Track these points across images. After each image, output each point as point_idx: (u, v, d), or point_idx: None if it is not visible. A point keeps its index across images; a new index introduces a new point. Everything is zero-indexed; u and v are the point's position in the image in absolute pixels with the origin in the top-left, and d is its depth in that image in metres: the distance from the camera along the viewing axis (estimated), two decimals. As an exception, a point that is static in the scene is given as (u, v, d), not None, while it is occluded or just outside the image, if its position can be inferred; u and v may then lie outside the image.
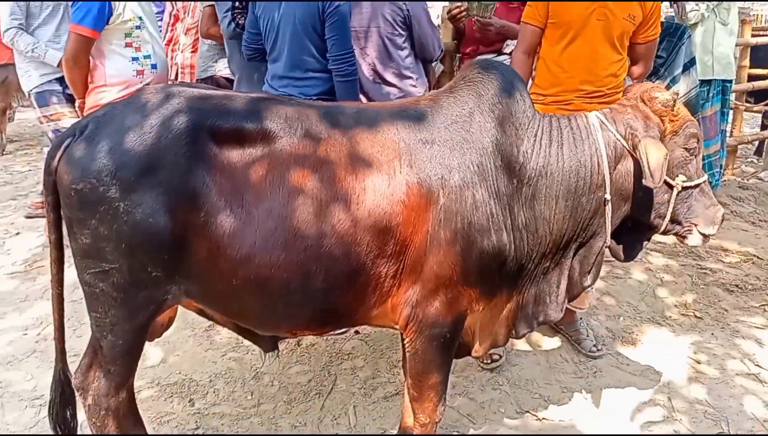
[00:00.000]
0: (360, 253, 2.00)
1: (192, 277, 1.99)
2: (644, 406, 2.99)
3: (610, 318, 3.77)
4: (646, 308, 3.91)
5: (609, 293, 4.05)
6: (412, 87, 3.45)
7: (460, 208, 2.04)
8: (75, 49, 3.14)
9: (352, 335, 3.44)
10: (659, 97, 2.27)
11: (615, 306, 3.91)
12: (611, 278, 4.23)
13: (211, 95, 2.04)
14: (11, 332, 3.45)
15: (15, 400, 2.89)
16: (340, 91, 3.11)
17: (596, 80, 3.08)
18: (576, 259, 2.36)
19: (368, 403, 2.94)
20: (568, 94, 3.12)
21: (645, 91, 2.32)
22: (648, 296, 4.05)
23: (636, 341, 3.54)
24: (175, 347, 3.35)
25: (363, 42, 3.37)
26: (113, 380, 2.10)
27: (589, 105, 3.04)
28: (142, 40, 3.32)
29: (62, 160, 1.90)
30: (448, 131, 2.11)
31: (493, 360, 3.22)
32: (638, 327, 3.68)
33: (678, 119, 2.28)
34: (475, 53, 4.11)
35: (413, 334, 2.17)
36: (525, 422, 2.85)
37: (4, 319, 3.60)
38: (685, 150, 2.28)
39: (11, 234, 4.98)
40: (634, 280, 4.25)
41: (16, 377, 3.05)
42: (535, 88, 3.24)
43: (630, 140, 2.23)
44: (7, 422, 2.74)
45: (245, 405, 2.90)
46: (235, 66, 3.93)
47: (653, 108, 2.28)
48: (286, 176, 1.95)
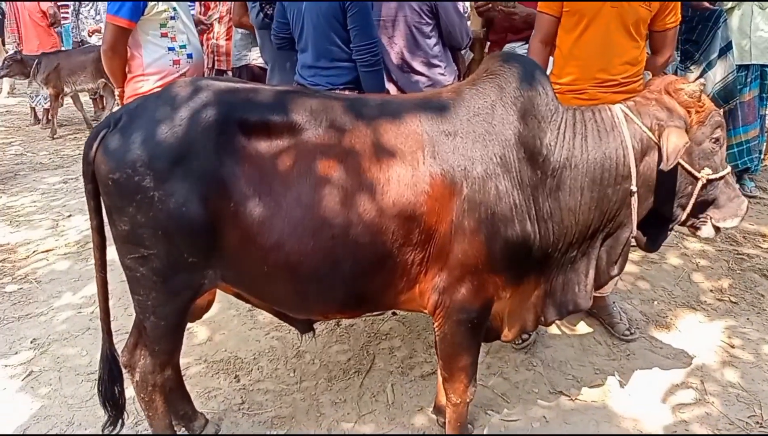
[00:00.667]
0: (386, 241, 2.04)
1: (226, 263, 2.06)
2: (676, 388, 2.99)
3: (644, 302, 3.76)
4: (681, 292, 3.89)
5: (644, 278, 4.03)
6: (441, 75, 3.44)
7: (484, 199, 2.06)
8: (112, 40, 3.20)
9: (390, 317, 3.51)
10: (685, 88, 2.24)
11: (650, 290, 3.90)
12: (646, 263, 4.21)
13: (238, 88, 2.10)
14: (67, 310, 3.61)
15: (72, 374, 3.04)
16: (365, 81, 3.11)
17: (611, 68, 3.01)
18: (603, 249, 2.36)
19: (405, 381, 3.01)
20: (582, 82, 3.08)
21: (670, 84, 2.30)
22: (683, 281, 4.02)
23: (670, 325, 3.53)
24: (221, 326, 3.47)
25: (391, 31, 3.37)
26: (158, 358, 2.21)
27: (604, 94, 3.02)
28: (177, 30, 3.35)
29: (99, 150, 1.98)
30: (471, 123, 2.12)
31: (524, 340, 3.26)
32: (672, 311, 3.67)
33: (704, 110, 2.25)
34: (503, 41, 4.06)
35: (441, 319, 2.22)
36: (558, 402, 2.89)
37: (59, 298, 3.77)
38: (710, 141, 2.26)
39: (64, 216, 5.17)
40: (669, 265, 4.22)
41: (73, 352, 3.21)
42: (552, 77, 3.18)
43: (656, 132, 2.21)
44: (65, 395, 2.89)
45: (288, 382, 3.00)
46: (268, 55, 3.96)
47: (679, 100, 2.25)
48: (312, 167, 2.00)
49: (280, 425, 2.71)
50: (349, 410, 2.81)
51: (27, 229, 4.93)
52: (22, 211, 5.39)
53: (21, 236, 4.77)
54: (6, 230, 4.91)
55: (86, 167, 2.02)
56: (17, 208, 5.46)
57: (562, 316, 2.46)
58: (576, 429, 2.71)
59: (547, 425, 2.75)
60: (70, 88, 8.36)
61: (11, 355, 3.21)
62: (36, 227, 4.93)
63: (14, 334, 3.40)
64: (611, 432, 2.70)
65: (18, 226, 5.01)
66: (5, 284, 3.97)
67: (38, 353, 3.22)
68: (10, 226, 5.01)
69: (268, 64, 3.98)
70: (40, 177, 6.50)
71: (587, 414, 2.81)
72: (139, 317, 2.20)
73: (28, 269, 4.20)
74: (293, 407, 2.83)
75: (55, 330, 3.43)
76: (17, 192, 5.94)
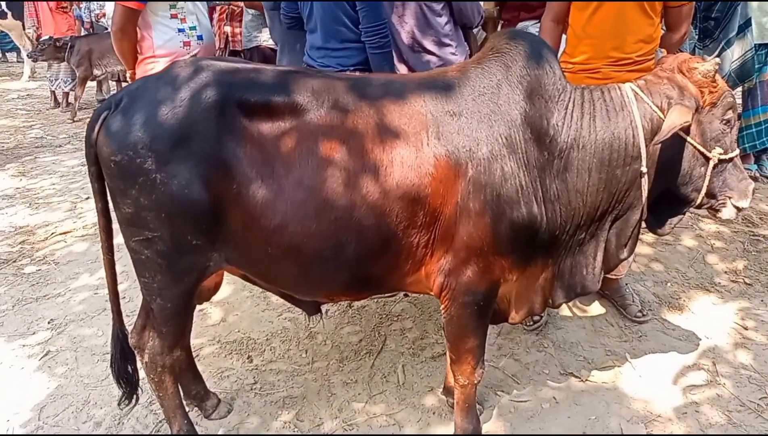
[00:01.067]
0: (390, 223, 2.01)
1: (230, 245, 2.04)
2: (688, 370, 2.96)
3: (657, 284, 3.71)
4: (694, 274, 3.83)
5: (657, 259, 3.98)
6: (452, 55, 3.37)
7: (489, 181, 2.01)
8: (122, 21, 3.16)
9: (402, 298, 3.50)
10: (699, 67, 2.17)
11: (663, 272, 3.85)
12: (660, 244, 4.15)
13: (239, 69, 2.06)
14: (83, 291, 3.64)
15: (88, 354, 3.07)
16: (374, 63, 3.06)
17: (625, 46, 2.93)
18: (612, 231, 2.31)
19: (416, 362, 3.00)
20: (595, 61, 3.00)
21: (683, 62, 2.22)
22: (697, 263, 3.96)
23: (683, 307, 3.48)
24: (234, 307, 3.48)
25: (401, 10, 3.30)
26: (166, 339, 2.21)
27: (617, 73, 2.95)
28: (186, 11, 3.31)
29: (101, 132, 1.96)
30: (476, 103, 2.07)
31: (535, 322, 3.23)
32: (686, 293, 3.61)
33: (717, 91, 2.18)
34: (516, 20, 3.98)
35: (447, 301, 2.20)
36: (568, 384, 2.87)
37: (76, 279, 3.81)
38: (722, 122, 2.19)
39: (82, 199, 5.20)
40: (684, 246, 4.15)
41: (89, 332, 3.24)
42: (564, 56, 3.13)
43: (666, 112, 2.14)
44: (81, 375, 2.92)
45: (300, 362, 3.01)
46: (277, 35, 3.91)
47: (692, 79, 2.18)
48: (314, 148, 1.96)
49: (291, 405, 2.72)
50: (359, 391, 2.81)
51: (46, 211, 4.97)
52: (41, 193, 5.43)
53: (40, 218, 4.81)
54: (25, 212, 4.96)
55: (89, 150, 2.00)
56: (36, 190, 5.51)
57: (570, 298, 2.42)
58: (586, 410, 2.69)
59: (557, 406, 2.73)
60: (101, 70, 8.42)
61: (29, 335, 3.25)
62: (54, 209, 4.97)
63: (32, 314, 3.44)
64: (621, 414, 2.67)
65: (37, 208, 5.05)
66: (24, 266, 4.01)
67: (55, 333, 3.26)
68: (30, 208, 5.05)
69: (278, 44, 3.94)
70: (59, 160, 6.55)
71: (597, 396, 2.79)
72: (146, 299, 2.20)
73: (46, 250, 4.24)
74: (305, 387, 2.83)
75: (72, 311, 3.46)
76: (37, 175, 5.99)
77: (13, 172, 6.05)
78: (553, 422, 2.64)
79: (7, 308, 3.50)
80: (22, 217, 4.86)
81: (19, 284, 3.78)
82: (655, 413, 2.69)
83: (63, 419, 2.65)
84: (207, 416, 2.63)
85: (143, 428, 2.60)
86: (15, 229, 4.62)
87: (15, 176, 5.94)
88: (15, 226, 4.67)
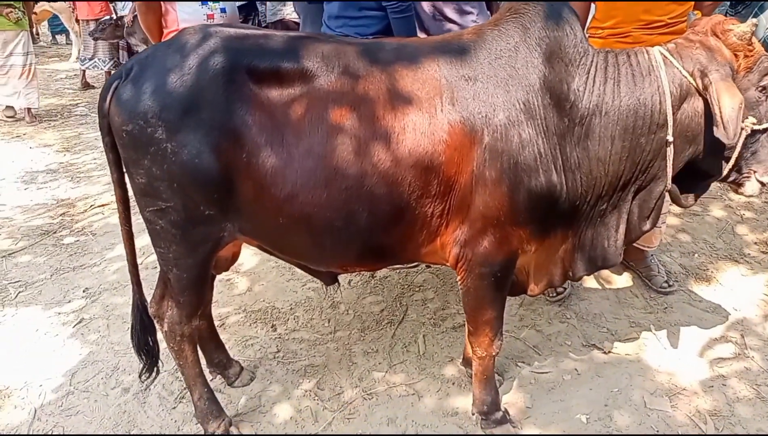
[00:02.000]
0: (402, 192, 1.87)
1: (242, 215, 1.94)
2: (715, 343, 2.79)
3: (684, 255, 3.51)
4: (723, 245, 3.61)
5: (685, 230, 3.76)
6: (474, 23, 3.17)
7: (506, 148, 1.85)
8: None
9: (423, 269, 3.37)
10: (735, 29, 1.92)
11: (690, 243, 3.63)
12: (687, 215, 3.91)
13: (248, 35, 1.93)
14: (118, 261, 3.60)
15: (119, 322, 3.03)
16: (396, 27, 2.89)
17: (656, 8, 2.70)
18: (635, 202, 2.11)
19: (437, 332, 2.88)
20: (625, 25, 2.77)
21: (717, 24, 1.98)
22: (726, 233, 3.73)
23: (710, 278, 3.27)
24: (260, 277, 3.40)
25: None
26: (184, 309, 2.12)
27: (649, 36, 2.72)
28: None
29: (112, 102, 1.86)
30: (492, 67, 1.89)
31: (558, 293, 3.07)
32: (714, 264, 3.40)
33: (753, 55, 1.93)
34: None
35: (464, 272, 2.06)
36: (591, 355, 2.72)
37: (112, 250, 3.78)
38: (757, 90, 1.95)
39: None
40: (713, 217, 3.92)
41: (121, 301, 3.20)
42: (594, 22, 2.91)
43: (698, 78, 1.91)
44: (112, 342, 2.89)
45: (322, 332, 2.92)
46: (300, 7, 3.79)
47: (727, 42, 1.94)
48: (324, 115, 1.83)
49: (313, 373, 2.64)
50: (380, 360, 2.71)
51: (86, 184, 4.96)
52: (83, 167, 5.43)
53: (80, 191, 4.80)
54: (67, 186, 4.96)
55: (101, 120, 1.91)
56: (78, 165, 5.52)
57: (591, 271, 2.25)
58: (608, 383, 2.55)
59: (578, 378, 2.60)
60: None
61: (65, 303, 3.23)
62: (94, 183, 4.96)
63: (69, 283, 3.42)
64: (644, 387, 2.52)
65: (78, 181, 5.05)
66: (63, 236, 4.00)
67: (89, 301, 3.23)
68: (71, 181, 5.06)
69: (300, 16, 3.79)
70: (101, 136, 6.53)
71: (620, 368, 2.64)
72: (163, 269, 2.12)
73: (84, 222, 4.22)
74: (326, 356, 2.75)
75: (106, 280, 3.43)
76: (80, 150, 6.00)
77: (58, 148, 6.07)
78: (575, 394, 2.50)
79: (45, 278, 3.48)
80: (64, 190, 4.86)
81: (58, 254, 3.77)
82: (680, 386, 2.53)
83: (92, 384, 2.62)
84: (230, 383, 2.57)
85: (168, 394, 2.55)
86: (57, 201, 4.62)
87: (60, 152, 5.95)
88: (57, 199, 4.67)
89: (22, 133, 6.64)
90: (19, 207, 4.51)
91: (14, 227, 4.14)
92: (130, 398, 2.53)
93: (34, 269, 3.57)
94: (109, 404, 2.51)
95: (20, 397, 2.56)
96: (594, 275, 3.22)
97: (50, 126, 6.97)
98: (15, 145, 6.15)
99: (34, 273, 3.53)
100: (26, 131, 6.70)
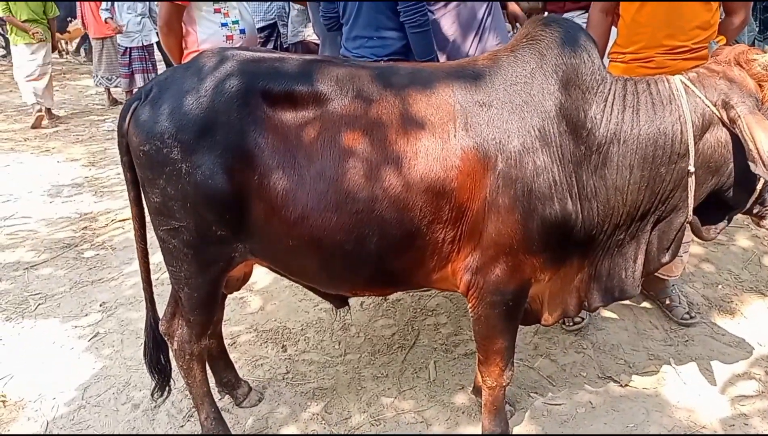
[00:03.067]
0: (414, 217, 1.87)
1: (253, 236, 1.96)
2: (737, 379, 2.71)
3: (707, 286, 3.43)
4: (749, 276, 3.51)
5: (709, 260, 3.68)
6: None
7: (520, 175, 1.85)
8: (167, 16, 3.16)
9: (437, 293, 3.35)
10: (759, 59, 1.91)
11: (714, 274, 3.55)
12: (712, 245, 3.82)
13: (264, 58, 1.97)
14: (135, 276, 3.65)
15: (133, 337, 3.08)
16: (414, 42, 2.92)
17: (680, 33, 2.67)
18: (654, 233, 2.09)
19: (448, 359, 2.86)
20: (648, 50, 2.74)
21: (741, 53, 1.97)
22: (752, 264, 3.64)
23: (735, 311, 3.19)
24: (272, 297, 3.42)
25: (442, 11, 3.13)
26: (194, 328, 2.15)
27: (673, 61, 2.69)
28: (229, 5, 3.28)
29: (131, 123, 1.91)
30: (507, 93, 1.90)
31: (575, 323, 3.02)
32: (738, 296, 3.32)
33: None
34: (562, 11, 3.74)
35: (475, 300, 2.05)
36: (607, 388, 2.67)
37: (130, 265, 3.84)
38: None
39: (142, 188, 5.29)
40: (738, 247, 3.83)
41: (136, 316, 3.24)
42: (616, 47, 2.90)
43: (722, 109, 1.90)
44: (125, 357, 2.93)
45: (332, 354, 2.92)
46: (319, 29, 3.84)
47: (751, 72, 1.93)
48: (336, 139, 1.85)
49: (321, 396, 2.63)
50: (389, 385, 2.69)
51: (109, 199, 5.08)
52: (107, 182, 5.56)
53: (103, 206, 4.91)
54: (91, 200, 5.08)
55: (120, 139, 1.97)
56: (103, 179, 5.64)
57: (608, 302, 2.22)
58: (624, 417, 2.49)
59: (593, 411, 2.54)
60: None
61: (82, 317, 3.29)
62: (117, 198, 5.07)
63: (87, 297, 3.49)
64: (662, 423, 2.46)
65: (101, 196, 5.17)
66: (84, 250, 4.09)
67: (105, 315, 3.29)
68: (95, 196, 5.18)
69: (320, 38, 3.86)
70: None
71: (637, 402, 2.58)
72: (175, 288, 2.15)
73: (105, 236, 4.31)
74: (335, 379, 2.74)
75: (122, 295, 3.49)
76: (105, 165, 6.14)
77: (84, 163, 6.22)
78: (589, 428, 2.45)
79: (64, 291, 3.56)
80: (87, 204, 4.98)
81: (77, 267, 3.85)
82: (699, 423, 2.47)
83: (104, 399, 2.66)
84: (238, 403, 2.57)
85: (177, 412, 2.57)
86: (80, 215, 4.73)
87: (85, 166, 6.10)
88: (80, 212, 4.79)
89: (51, 147, 6.83)
90: (44, 220, 4.63)
91: (38, 240, 4.25)
92: (139, 414, 2.56)
93: (55, 282, 3.66)
94: (119, 419, 2.54)
95: (34, 409, 2.61)
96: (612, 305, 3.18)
97: (78, 140, 7.16)
98: (43, 160, 6.32)
99: (54, 286, 3.61)
100: (55, 145, 6.89)
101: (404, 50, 2.97)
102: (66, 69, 12.57)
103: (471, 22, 3.15)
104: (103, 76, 8.92)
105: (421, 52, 2.92)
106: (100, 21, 8.54)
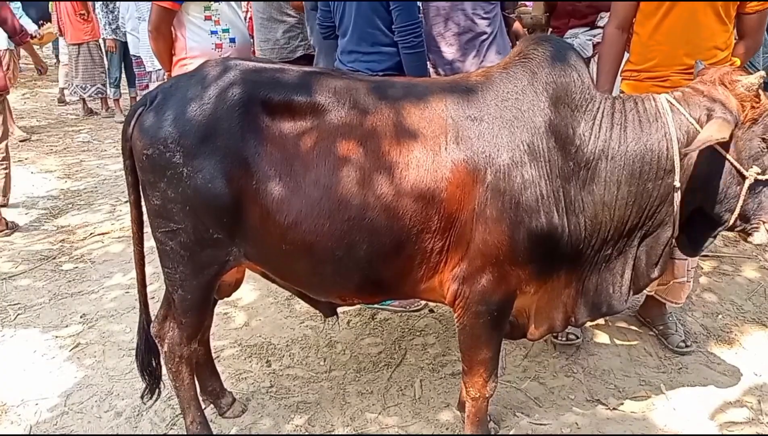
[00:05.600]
0: (403, 226, 2.19)
1: (248, 240, 2.31)
2: (729, 406, 3.02)
3: (707, 315, 3.78)
4: (752, 307, 3.87)
5: (711, 290, 4.04)
6: None
7: (508, 187, 2.16)
8: (157, 21, 3.50)
9: (426, 313, 3.73)
10: (743, 80, 2.25)
11: (716, 303, 3.90)
12: (716, 275, 4.20)
13: (265, 68, 2.34)
14: (116, 289, 4.06)
15: (115, 349, 3.46)
16: (407, 63, 3.28)
17: (697, 53, 2.91)
18: (642, 249, 2.40)
19: (435, 378, 3.21)
20: (664, 69, 3.07)
21: (725, 74, 2.32)
22: (757, 296, 3.99)
23: (733, 341, 3.53)
24: (257, 312, 3.81)
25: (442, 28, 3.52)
26: (185, 330, 2.50)
27: (688, 81, 2.89)
28: (221, 13, 3.61)
29: (135, 127, 2.28)
30: (498, 108, 2.23)
31: (569, 340, 3.35)
32: (738, 327, 3.66)
33: (759, 107, 2.24)
34: (566, 27, 4.11)
35: (461, 310, 2.36)
36: (594, 411, 2.98)
37: (110, 278, 4.24)
38: (762, 140, 2.25)
39: (122, 202, 5.70)
40: (744, 277, 4.19)
41: (117, 329, 3.63)
42: (629, 65, 3.23)
43: (704, 125, 2.23)
44: (107, 367, 3.30)
45: (317, 370, 3.28)
46: (315, 40, 4.21)
47: (735, 92, 2.27)
48: (332, 148, 2.19)
49: (305, 409, 2.98)
50: (374, 401, 3.04)
51: (87, 212, 5.50)
52: (83, 195, 6.00)
53: (80, 219, 5.34)
54: (68, 213, 5.50)
55: (124, 143, 2.34)
56: (80, 192, 6.08)
57: (595, 318, 2.54)
58: (608, 439, 2.82)
59: (578, 432, 2.85)
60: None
61: (62, 327, 3.68)
62: (95, 211, 5.50)
63: (67, 308, 3.88)
64: (645, 443, 2.78)
65: (79, 209, 5.60)
66: (63, 263, 4.50)
67: (86, 327, 3.67)
68: (72, 209, 5.61)
69: (315, 49, 4.27)
70: (103, 164, 7.16)
71: (624, 425, 2.90)
72: (168, 290, 2.50)
73: (84, 249, 4.73)
74: (320, 394, 3.10)
75: (103, 307, 3.88)
76: (81, 178, 6.59)
77: (59, 174, 6.67)
78: (572, 447, 2.79)
79: (44, 302, 3.95)
80: (65, 217, 5.40)
81: (56, 279, 4.25)
82: (686, 449, 2.78)
83: (87, 406, 3.02)
84: (221, 413, 2.92)
85: (160, 420, 2.92)
86: (57, 228, 5.15)
87: (61, 178, 6.55)
88: (57, 225, 5.21)
89: (24, 157, 7.28)
90: (19, 232, 5.05)
91: (15, 251, 4.67)
92: (122, 422, 2.92)
93: (33, 293, 4.06)
94: (102, 426, 2.90)
95: (16, 414, 2.97)
96: (606, 329, 3.55)
97: (52, 151, 7.62)
98: (17, 170, 6.68)
99: (33, 297, 4.01)
100: (28, 156, 7.36)
101: (399, 66, 3.35)
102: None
103: (473, 41, 3.55)
104: (78, 85, 9.34)
105: (413, 71, 3.29)
106: (77, 25, 9.00)
